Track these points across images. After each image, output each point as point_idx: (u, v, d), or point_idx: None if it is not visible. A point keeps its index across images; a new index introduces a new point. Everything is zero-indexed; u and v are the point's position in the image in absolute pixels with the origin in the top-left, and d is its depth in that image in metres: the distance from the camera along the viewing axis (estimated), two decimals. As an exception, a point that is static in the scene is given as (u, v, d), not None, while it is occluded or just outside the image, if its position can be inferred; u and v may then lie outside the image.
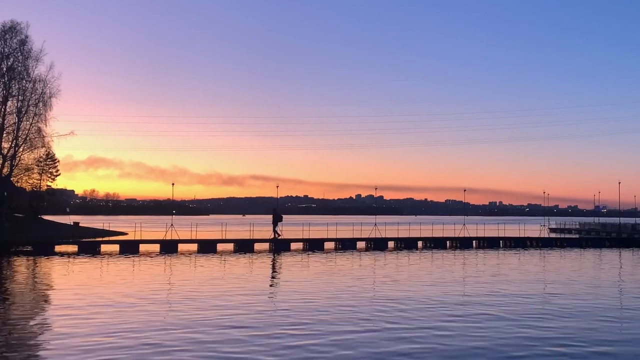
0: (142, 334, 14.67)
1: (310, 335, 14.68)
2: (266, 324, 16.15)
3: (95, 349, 13.16)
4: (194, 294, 21.97)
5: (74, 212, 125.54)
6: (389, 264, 35.93)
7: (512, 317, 17.43)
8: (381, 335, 14.74)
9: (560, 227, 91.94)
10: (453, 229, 60.81)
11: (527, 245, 55.33)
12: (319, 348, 13.44)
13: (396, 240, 53.66)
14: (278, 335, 14.62)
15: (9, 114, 60.40)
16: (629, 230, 69.26)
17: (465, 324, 16.26)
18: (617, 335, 15.34)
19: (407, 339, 14.45)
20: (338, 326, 15.86)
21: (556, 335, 15.08)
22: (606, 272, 32.46)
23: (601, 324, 16.67)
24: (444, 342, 14.10)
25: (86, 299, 20.81)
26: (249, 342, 13.89)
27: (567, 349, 13.57)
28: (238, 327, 15.55)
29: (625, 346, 14.13)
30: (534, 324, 16.48)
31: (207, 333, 14.89)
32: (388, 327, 15.78)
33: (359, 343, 13.93)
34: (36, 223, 62.78)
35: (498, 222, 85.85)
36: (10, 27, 60.29)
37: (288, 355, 12.84)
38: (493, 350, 13.32)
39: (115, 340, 13.98)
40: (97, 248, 44.38)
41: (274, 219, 49.48)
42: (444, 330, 15.51)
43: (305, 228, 55.30)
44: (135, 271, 31.17)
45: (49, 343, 13.92)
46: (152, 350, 13.10)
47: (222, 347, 13.48)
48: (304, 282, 26.36)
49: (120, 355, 12.71)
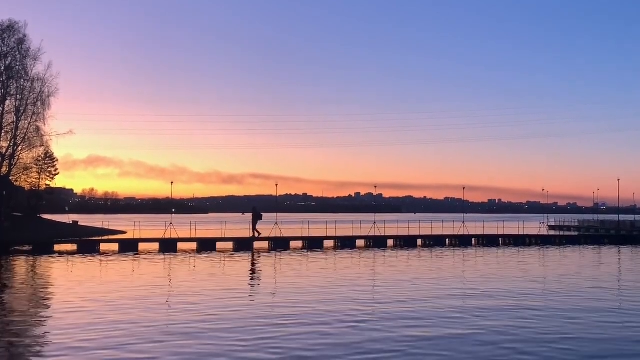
0: (140, 333, 14.67)
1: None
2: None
3: (94, 348, 13.17)
4: (194, 296, 21.96)
5: (73, 211, 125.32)
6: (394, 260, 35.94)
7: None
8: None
9: (559, 224, 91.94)
10: (452, 226, 60.81)
11: (526, 242, 55.31)
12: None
13: (395, 238, 53.65)
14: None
15: (7, 113, 60.25)
16: (628, 228, 69.28)
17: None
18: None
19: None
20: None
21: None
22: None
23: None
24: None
25: (85, 298, 20.82)
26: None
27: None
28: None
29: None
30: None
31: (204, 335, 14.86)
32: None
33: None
34: (35, 222, 62.71)
35: (497, 219, 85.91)
36: (8, 26, 60.11)
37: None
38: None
39: (115, 340, 13.98)
40: (96, 247, 44.34)
41: (253, 217, 49.42)
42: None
43: (304, 226, 55.31)
44: (135, 270, 31.16)
45: (47, 343, 13.91)
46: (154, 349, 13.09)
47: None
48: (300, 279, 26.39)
49: (121, 354, 12.71)
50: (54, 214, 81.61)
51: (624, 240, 58.62)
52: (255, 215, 49.31)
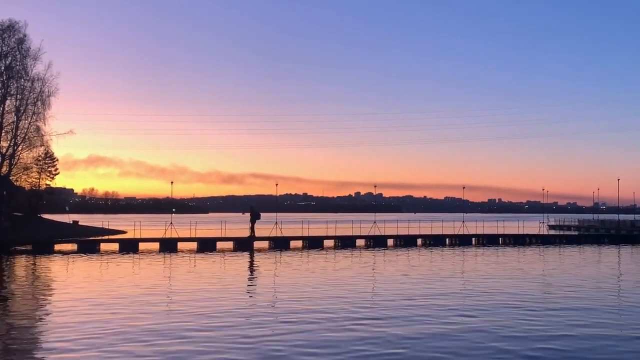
0: (138, 332, 14.71)
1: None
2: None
3: (94, 348, 13.20)
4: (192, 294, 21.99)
5: (73, 211, 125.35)
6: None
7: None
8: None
9: (559, 224, 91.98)
10: (452, 226, 60.83)
11: (526, 242, 55.33)
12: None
13: (396, 237, 53.69)
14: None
15: (7, 113, 60.33)
16: (628, 227, 69.33)
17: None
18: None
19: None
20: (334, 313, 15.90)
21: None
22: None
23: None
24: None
25: (83, 297, 20.87)
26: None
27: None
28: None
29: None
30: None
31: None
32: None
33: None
34: (35, 222, 62.75)
35: (497, 219, 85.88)
36: (8, 25, 60.17)
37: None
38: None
39: (112, 339, 14.01)
40: (96, 247, 44.37)
41: (251, 217, 49.44)
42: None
43: (304, 226, 55.35)
44: (135, 269, 31.19)
45: (48, 343, 13.95)
46: (150, 351, 13.12)
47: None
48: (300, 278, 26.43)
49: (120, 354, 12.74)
50: (54, 214, 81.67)
51: (624, 240, 58.66)
52: (253, 214, 49.36)
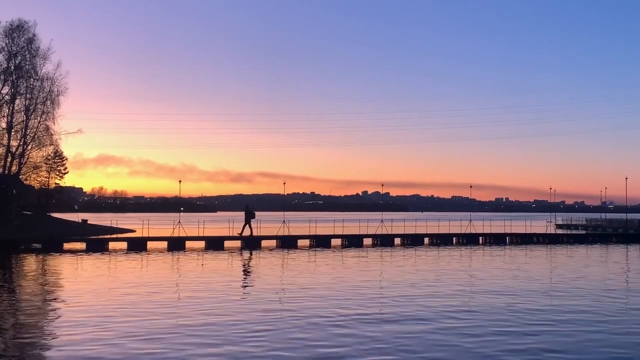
0: (147, 330, 14.91)
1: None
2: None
3: (103, 342, 13.40)
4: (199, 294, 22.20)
5: (83, 210, 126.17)
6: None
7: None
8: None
9: (566, 223, 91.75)
10: (459, 225, 60.82)
11: (533, 241, 55.27)
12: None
13: (403, 236, 53.73)
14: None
15: (17, 112, 60.88)
16: (636, 226, 69.00)
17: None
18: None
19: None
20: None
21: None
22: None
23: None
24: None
25: (92, 295, 21.09)
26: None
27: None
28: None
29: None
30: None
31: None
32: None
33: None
34: (45, 221, 63.11)
35: (504, 218, 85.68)
36: (17, 25, 60.69)
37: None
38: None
39: (120, 337, 14.21)
40: (105, 245, 44.61)
41: (246, 216, 49.23)
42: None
43: (312, 225, 55.43)
44: (143, 268, 31.45)
45: (56, 341, 14.15)
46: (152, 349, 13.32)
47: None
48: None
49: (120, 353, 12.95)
50: (64, 213, 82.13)
51: (632, 239, 58.46)
52: (248, 213, 49.05)
